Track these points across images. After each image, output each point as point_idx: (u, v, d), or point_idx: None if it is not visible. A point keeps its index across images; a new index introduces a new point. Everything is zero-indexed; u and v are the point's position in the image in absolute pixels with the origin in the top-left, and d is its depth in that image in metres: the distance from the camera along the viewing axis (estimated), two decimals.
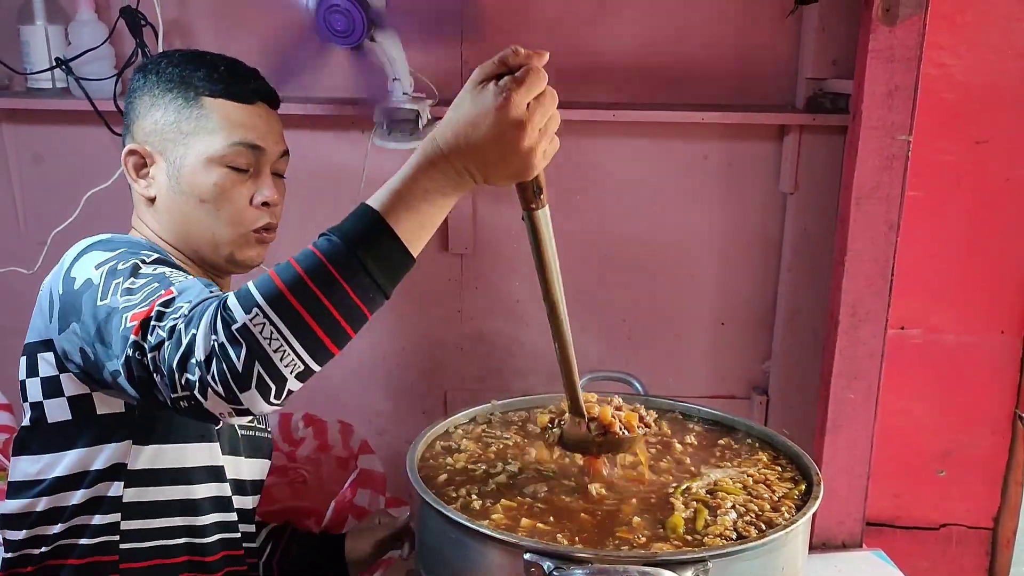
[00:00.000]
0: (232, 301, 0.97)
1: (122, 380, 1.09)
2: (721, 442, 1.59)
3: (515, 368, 2.20)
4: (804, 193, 2.11)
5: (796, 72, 2.10)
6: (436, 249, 2.18)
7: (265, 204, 1.39)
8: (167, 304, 1.05)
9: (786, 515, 1.30)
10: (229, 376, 0.96)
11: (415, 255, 1.01)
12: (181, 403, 1.02)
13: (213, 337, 0.96)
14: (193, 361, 0.97)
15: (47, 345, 1.25)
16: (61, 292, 1.20)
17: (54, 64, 2.00)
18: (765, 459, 1.51)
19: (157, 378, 1.03)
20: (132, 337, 1.04)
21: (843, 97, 2.01)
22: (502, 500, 1.33)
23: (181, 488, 1.33)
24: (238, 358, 0.95)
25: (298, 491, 2.00)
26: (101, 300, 1.12)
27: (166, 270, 1.16)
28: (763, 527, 1.26)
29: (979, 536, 2.31)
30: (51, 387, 1.26)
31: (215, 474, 1.38)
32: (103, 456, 1.28)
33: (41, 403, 1.27)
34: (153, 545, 1.32)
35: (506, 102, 0.97)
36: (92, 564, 1.30)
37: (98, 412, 1.27)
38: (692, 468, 1.48)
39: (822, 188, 2.09)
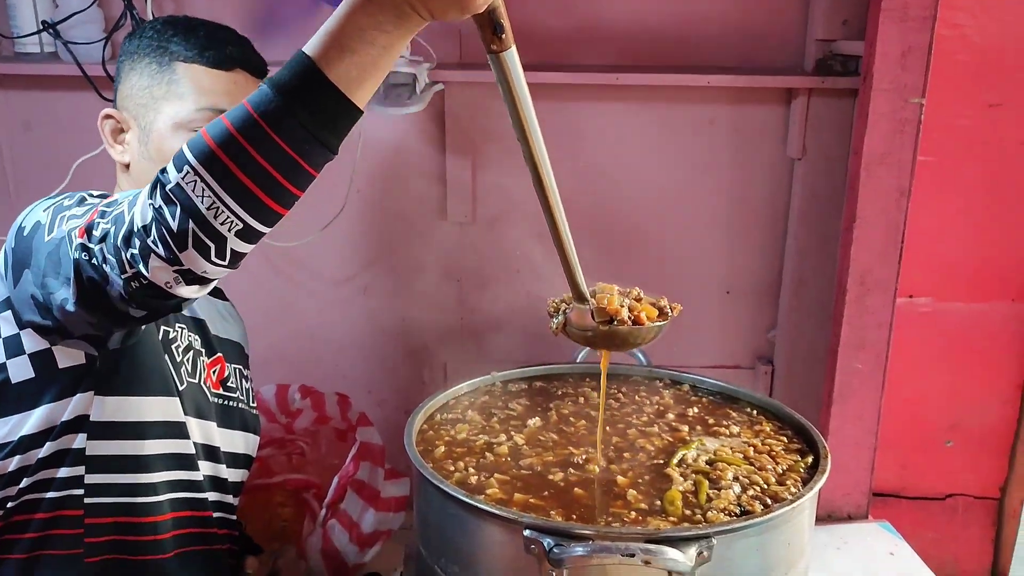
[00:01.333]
0: (168, 164, 0.95)
1: (71, 305, 1.07)
2: (720, 412, 1.57)
3: (516, 338, 2.17)
4: (812, 158, 2.08)
5: (805, 33, 2.06)
6: (435, 218, 2.16)
7: None
8: (109, 205, 1.04)
9: (792, 489, 1.28)
10: (167, 237, 0.94)
11: (358, 103, 0.94)
12: (132, 285, 0.99)
13: (149, 201, 0.95)
14: (134, 231, 0.97)
15: (6, 304, 1.24)
16: (13, 246, 1.18)
17: (41, 28, 1.95)
18: (768, 429, 1.50)
19: (107, 269, 1.01)
20: (77, 240, 1.03)
21: (853, 59, 1.98)
22: (495, 474, 1.31)
23: (134, 443, 1.31)
24: (173, 217, 0.93)
25: (296, 463, 2.01)
26: (49, 234, 1.10)
27: (116, 196, 1.13)
28: (768, 501, 1.24)
29: (986, 506, 2.31)
30: (12, 346, 1.24)
31: (174, 430, 1.35)
32: (69, 408, 1.26)
33: (4, 364, 1.25)
34: (117, 501, 1.31)
35: None
36: (58, 518, 1.29)
37: (60, 366, 1.24)
38: (686, 436, 1.46)
39: (831, 153, 2.06)
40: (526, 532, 1.13)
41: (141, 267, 0.97)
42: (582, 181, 2.11)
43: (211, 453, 1.43)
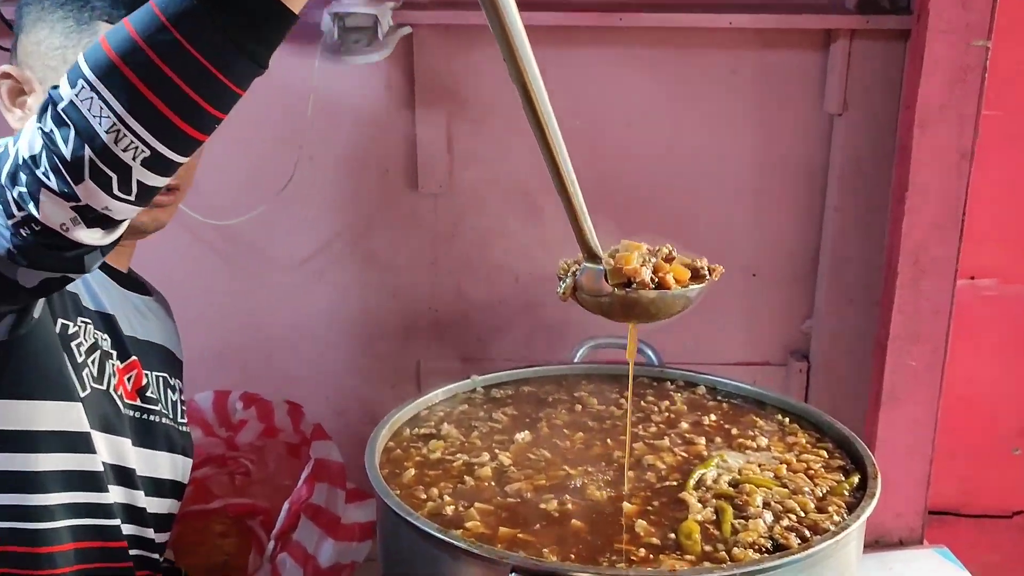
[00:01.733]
0: (62, 79, 0.92)
1: None
2: (744, 420, 1.55)
3: (502, 332, 2.15)
4: (855, 114, 2.05)
5: None
6: (404, 187, 2.13)
7: None
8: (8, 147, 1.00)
9: (835, 518, 1.25)
10: (60, 165, 0.91)
11: (291, 6, 0.91)
12: (22, 233, 0.96)
13: (39, 125, 0.92)
14: (20, 164, 0.94)
15: None
16: None
17: None
18: (804, 441, 1.47)
19: (5, 220, 0.97)
20: None
21: None
22: (476, 503, 1.28)
23: (24, 456, 1.25)
24: (66, 142, 0.90)
25: (240, 485, 1.97)
26: None
27: None
28: (806, 533, 1.21)
29: None
30: None
31: (75, 443, 1.30)
32: None
33: None
34: (5, 527, 1.25)
35: None
36: None
37: None
38: (703, 450, 1.44)
39: (877, 108, 2.03)
40: (512, 575, 1.09)
41: (31, 207, 0.94)
42: (580, 142, 2.03)
43: (124, 476, 1.38)
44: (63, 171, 0.91)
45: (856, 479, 1.35)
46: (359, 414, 2.24)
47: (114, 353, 1.38)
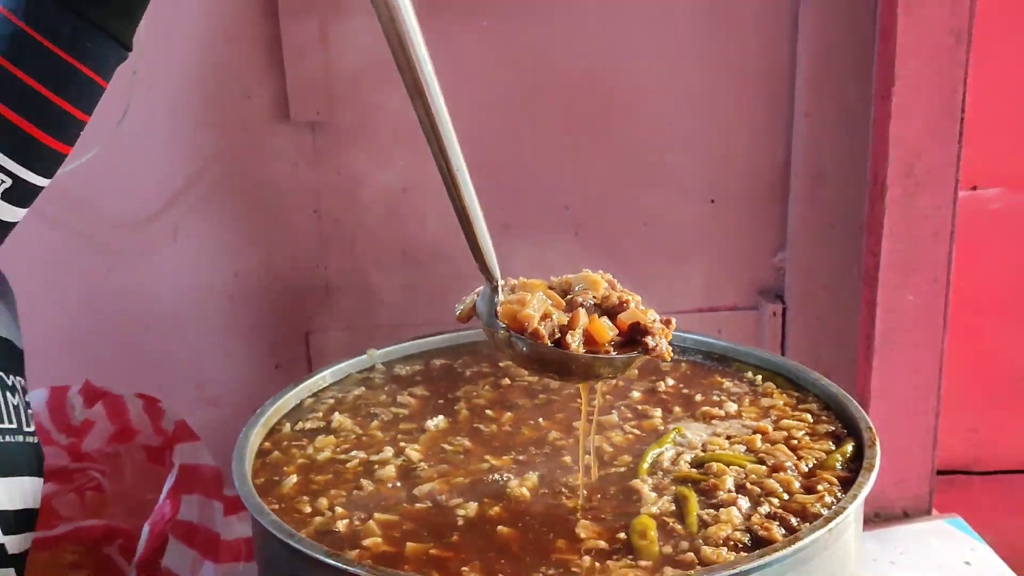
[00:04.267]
0: None
1: None
2: (707, 382, 1.56)
3: (407, 291, 2.12)
4: None
5: None
6: (272, 117, 2.06)
7: None
8: None
9: (826, 498, 1.22)
10: None
11: None
12: None
13: None
14: None
15: None
16: None
17: None
18: (782, 404, 1.47)
19: None
20: None
21: None
22: (376, 514, 1.24)
23: None
24: None
25: (90, 503, 1.93)
26: None
27: None
28: (792, 521, 1.18)
29: None
30: None
31: None
32: None
33: None
34: None
35: None
36: None
37: None
38: (659, 425, 1.43)
39: None
40: None
41: None
42: (496, 45, 2.04)
43: None
44: None
45: (850, 447, 1.33)
46: (234, 403, 2.20)
47: None
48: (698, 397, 1.49)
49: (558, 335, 1.21)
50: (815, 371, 1.51)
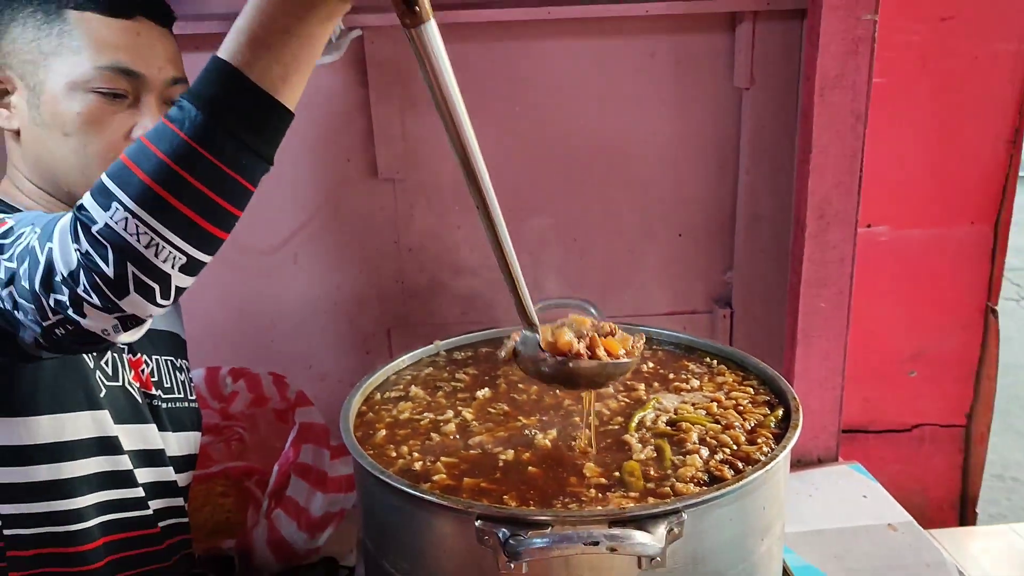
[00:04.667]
0: (88, 201, 0.86)
1: None
2: (677, 365, 1.50)
3: (461, 300, 2.08)
4: (761, 87, 1.98)
5: None
6: (365, 175, 2.03)
7: None
8: (4, 235, 0.93)
9: (764, 449, 1.19)
10: (103, 285, 0.86)
11: (287, 104, 0.87)
12: (56, 332, 0.90)
13: (75, 246, 0.86)
14: (58, 279, 0.87)
15: None
16: None
17: None
18: (731, 380, 1.42)
19: (20, 315, 0.91)
20: None
21: None
22: (441, 457, 1.21)
23: (50, 467, 1.17)
24: (107, 262, 0.85)
25: (236, 450, 1.91)
26: None
27: (9, 222, 0.99)
28: (739, 465, 1.16)
29: (952, 434, 2.29)
30: None
31: (101, 447, 1.21)
32: None
33: None
34: (39, 531, 1.17)
35: None
36: None
37: None
38: (643, 395, 1.38)
39: (780, 81, 1.97)
40: (477, 523, 1.02)
41: (72, 313, 0.87)
42: (518, 126, 1.99)
43: (152, 458, 1.30)
44: (106, 289, 0.86)
45: (780, 412, 1.29)
46: (338, 378, 2.16)
47: (124, 347, 1.28)
48: (671, 376, 1.44)
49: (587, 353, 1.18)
50: (754, 357, 1.46)
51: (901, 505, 1.83)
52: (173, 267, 0.86)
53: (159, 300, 0.88)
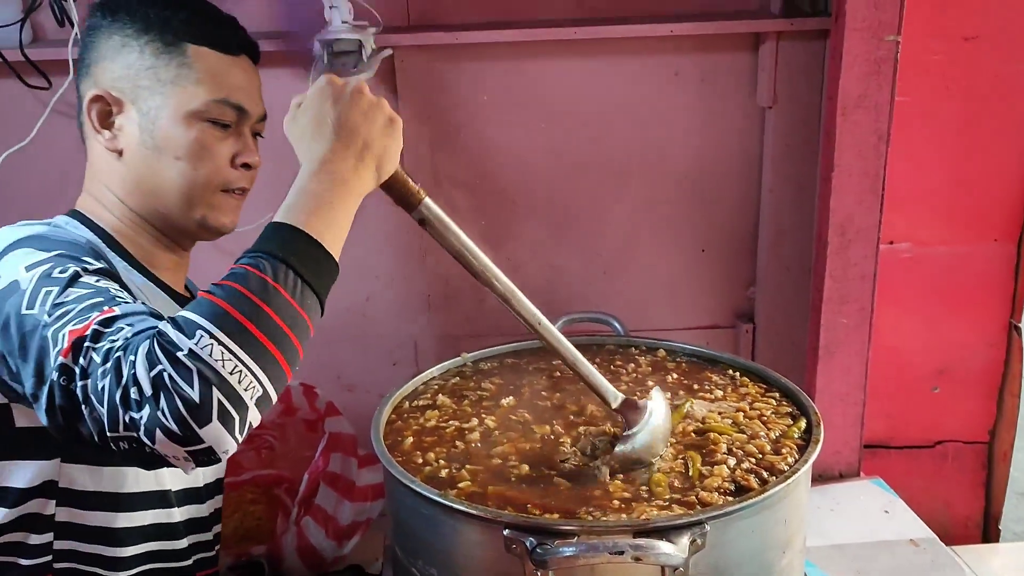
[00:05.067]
0: (167, 328, 0.89)
1: (38, 406, 0.96)
2: (700, 376, 1.51)
3: (486, 313, 2.09)
4: (784, 106, 1.99)
5: None
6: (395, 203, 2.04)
7: (246, 166, 1.29)
8: (107, 323, 0.93)
9: (788, 459, 1.21)
10: (184, 409, 0.85)
11: (336, 257, 1.02)
12: (118, 444, 0.90)
13: (159, 367, 0.86)
14: (134, 399, 0.87)
15: None
16: None
17: None
18: (754, 392, 1.43)
19: (86, 410, 0.90)
20: (60, 359, 0.91)
21: None
22: (466, 465, 1.23)
23: (106, 515, 1.19)
24: (191, 386, 0.86)
25: (266, 458, 1.94)
26: (27, 308, 0.98)
27: (111, 286, 1.02)
28: (764, 474, 1.17)
29: (975, 451, 2.28)
30: None
31: (154, 501, 1.24)
32: (27, 474, 1.14)
33: None
34: (88, 570, 1.20)
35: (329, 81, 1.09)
36: None
37: (17, 425, 1.12)
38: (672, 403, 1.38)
39: (803, 100, 1.98)
40: (506, 531, 1.05)
41: (143, 435, 0.87)
42: (544, 143, 2.02)
43: (191, 496, 1.32)
44: (187, 416, 0.85)
45: (803, 423, 1.31)
46: (365, 389, 2.19)
47: None
48: (695, 387, 1.44)
49: None
50: (777, 372, 1.46)
51: (923, 521, 1.82)
52: (252, 398, 0.88)
53: (237, 433, 0.88)
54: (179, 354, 0.86)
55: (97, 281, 1.02)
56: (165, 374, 0.86)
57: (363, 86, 1.10)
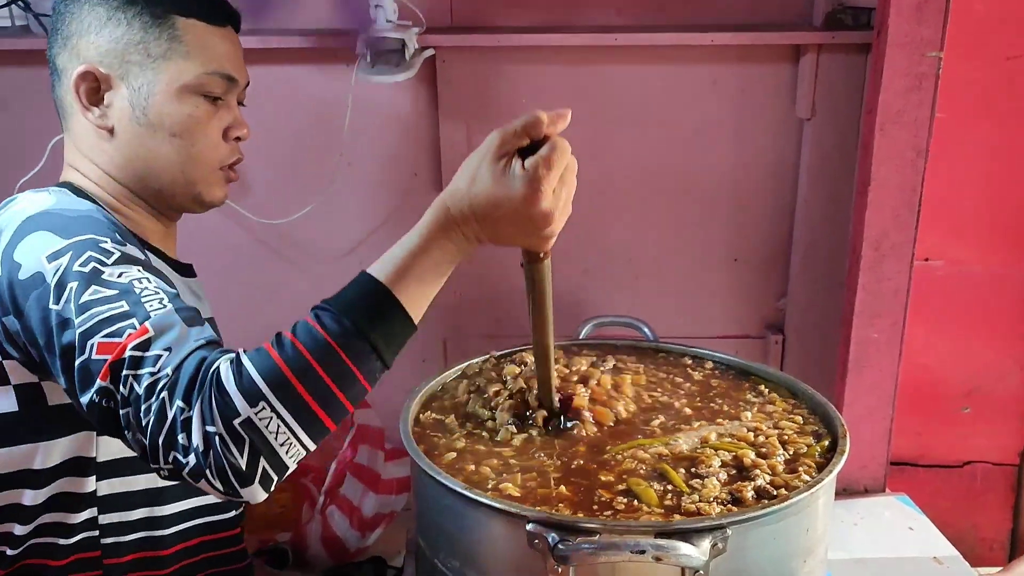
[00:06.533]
0: (231, 385, 0.89)
1: (75, 402, 1.00)
2: (714, 383, 1.49)
3: (516, 313, 2.08)
4: (822, 118, 1.99)
5: None
6: (431, 188, 2.08)
7: (238, 139, 1.28)
8: (143, 347, 0.94)
9: (803, 477, 1.19)
10: (230, 472, 0.89)
11: (416, 321, 1.00)
12: (161, 472, 0.94)
13: (211, 428, 0.89)
14: (182, 444, 0.90)
15: None
16: (2, 273, 1.06)
17: (10, 0, 1.85)
18: (781, 409, 1.40)
19: (129, 435, 0.94)
20: (100, 382, 0.94)
21: (865, 12, 1.89)
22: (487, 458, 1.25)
23: (148, 476, 1.22)
24: (241, 455, 0.89)
25: None
26: (53, 304, 0.99)
27: (132, 278, 1.01)
28: (772, 491, 1.15)
29: (1004, 472, 2.25)
30: None
31: None
32: (58, 450, 1.15)
33: None
34: (135, 538, 1.23)
35: (535, 194, 0.98)
36: (75, 562, 1.20)
37: (50, 403, 1.14)
38: (683, 423, 1.35)
39: (842, 113, 1.97)
40: (529, 527, 1.06)
41: (188, 477, 0.91)
42: (582, 148, 2.01)
43: None
44: (231, 477, 0.89)
45: (827, 442, 1.28)
46: (394, 384, 2.11)
47: None
48: (725, 407, 1.38)
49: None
50: (804, 383, 1.43)
51: (945, 537, 1.81)
52: (293, 459, 0.92)
53: (272, 487, 0.93)
54: (236, 422, 0.88)
55: (119, 275, 1.01)
56: (217, 437, 0.88)
57: (549, 174, 0.99)
